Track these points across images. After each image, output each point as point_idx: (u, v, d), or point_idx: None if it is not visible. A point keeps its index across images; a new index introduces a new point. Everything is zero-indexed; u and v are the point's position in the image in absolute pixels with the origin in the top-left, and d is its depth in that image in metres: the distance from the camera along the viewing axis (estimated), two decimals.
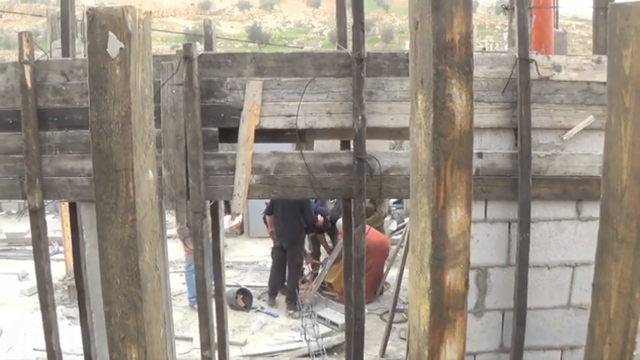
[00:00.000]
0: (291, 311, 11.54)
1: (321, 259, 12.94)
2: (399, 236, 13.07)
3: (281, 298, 11.94)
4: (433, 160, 1.92)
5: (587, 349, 2.70)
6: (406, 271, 10.98)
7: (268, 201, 12.41)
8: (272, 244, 12.48)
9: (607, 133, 2.45)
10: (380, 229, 12.57)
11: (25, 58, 5.15)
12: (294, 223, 11.95)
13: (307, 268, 12.71)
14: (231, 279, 12.33)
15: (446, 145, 1.92)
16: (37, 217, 5.34)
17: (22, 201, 5.59)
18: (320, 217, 12.49)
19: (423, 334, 2.01)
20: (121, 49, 2.05)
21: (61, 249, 12.96)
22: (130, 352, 2.06)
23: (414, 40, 2.23)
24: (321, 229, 12.77)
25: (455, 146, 1.91)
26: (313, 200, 12.20)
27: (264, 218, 12.80)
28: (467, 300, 2.03)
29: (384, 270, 12.19)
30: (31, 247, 5.66)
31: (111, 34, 2.02)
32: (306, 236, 12.69)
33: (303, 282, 12.41)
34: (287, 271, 12.07)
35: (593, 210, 5.30)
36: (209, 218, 5.47)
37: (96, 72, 1.96)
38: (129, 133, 1.90)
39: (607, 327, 2.58)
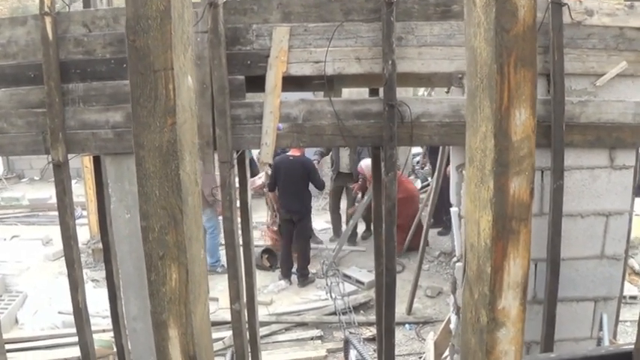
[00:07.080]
0: (303, 285, 11.20)
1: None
2: (424, 195, 12.97)
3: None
4: (496, 57, 1.78)
5: None
6: (432, 230, 10.97)
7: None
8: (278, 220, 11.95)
9: None
10: None
11: (46, 9, 5.02)
12: (301, 192, 11.27)
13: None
14: (257, 239, 12.09)
15: (509, 41, 1.77)
16: (61, 171, 5.25)
17: (44, 167, 5.50)
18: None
19: (484, 249, 1.88)
20: None
21: (85, 213, 13.02)
22: (169, 272, 1.92)
23: None
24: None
25: (519, 42, 1.77)
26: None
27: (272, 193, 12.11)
28: (531, 211, 1.90)
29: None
30: (54, 213, 5.61)
31: None
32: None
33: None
34: (297, 244, 11.50)
35: (626, 158, 5.22)
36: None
37: None
38: (168, 29, 1.75)
39: None
